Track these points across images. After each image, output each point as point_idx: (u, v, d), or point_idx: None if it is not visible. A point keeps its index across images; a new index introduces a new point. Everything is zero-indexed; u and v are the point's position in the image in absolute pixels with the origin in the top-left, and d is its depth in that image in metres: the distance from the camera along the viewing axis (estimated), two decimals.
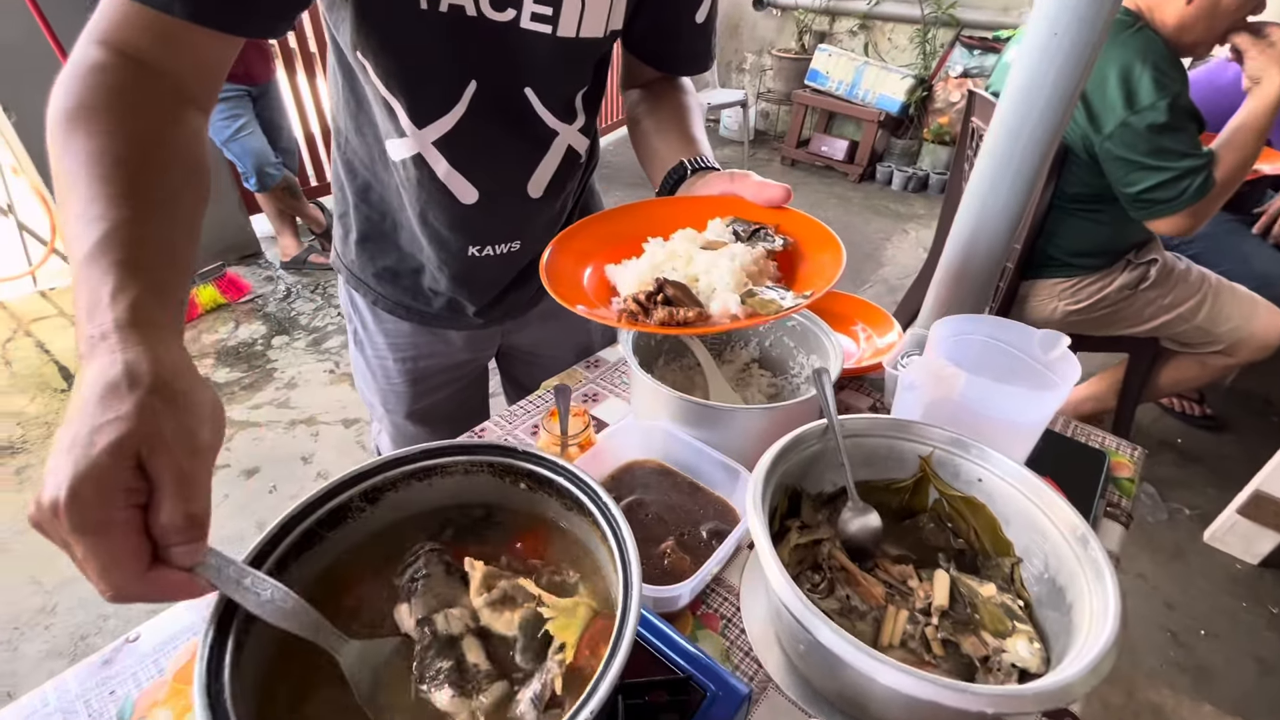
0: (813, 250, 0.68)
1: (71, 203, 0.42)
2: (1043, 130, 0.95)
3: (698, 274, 0.63)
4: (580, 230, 0.72)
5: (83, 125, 0.44)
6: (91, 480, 0.31)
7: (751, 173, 0.70)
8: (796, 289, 0.64)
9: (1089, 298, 1.56)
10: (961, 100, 4.08)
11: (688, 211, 0.73)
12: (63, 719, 0.55)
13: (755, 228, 0.69)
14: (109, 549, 0.31)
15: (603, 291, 0.68)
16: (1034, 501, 0.58)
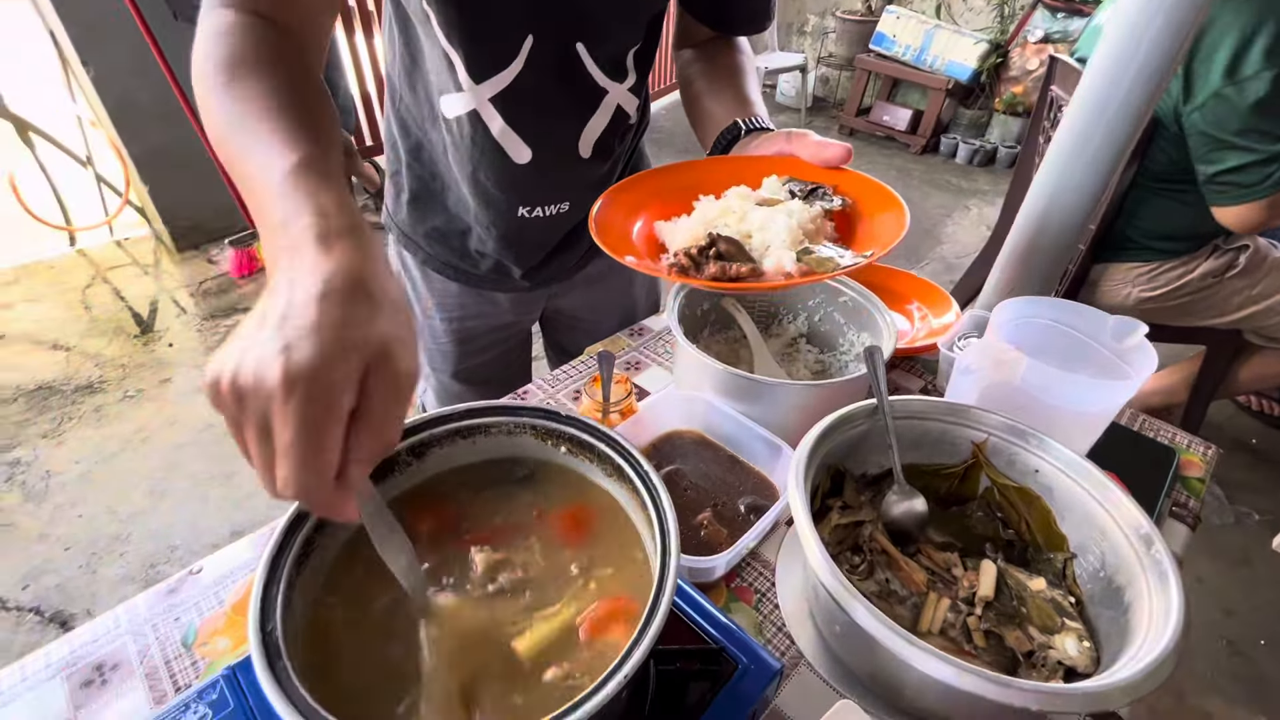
0: (873, 211, 0.66)
1: (247, 136, 0.44)
2: (1133, 102, 0.88)
3: (751, 230, 0.62)
4: (632, 185, 0.71)
5: (244, 71, 0.48)
6: (337, 363, 0.30)
7: (810, 132, 0.68)
8: (855, 249, 0.62)
9: (1167, 284, 1.46)
10: (1040, 68, 3.82)
11: (742, 170, 0.71)
12: (132, 640, 0.59)
13: (813, 187, 0.66)
14: (320, 444, 0.30)
15: (652, 248, 0.67)
16: (1095, 497, 0.55)
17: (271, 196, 0.39)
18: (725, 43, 0.82)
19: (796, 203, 0.64)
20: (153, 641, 0.59)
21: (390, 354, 0.32)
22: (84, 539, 1.66)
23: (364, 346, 0.31)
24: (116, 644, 0.58)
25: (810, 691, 0.56)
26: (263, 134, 0.43)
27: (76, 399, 2.13)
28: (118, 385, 2.20)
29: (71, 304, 2.60)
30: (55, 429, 2.01)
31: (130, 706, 0.54)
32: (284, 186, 0.39)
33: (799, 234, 0.60)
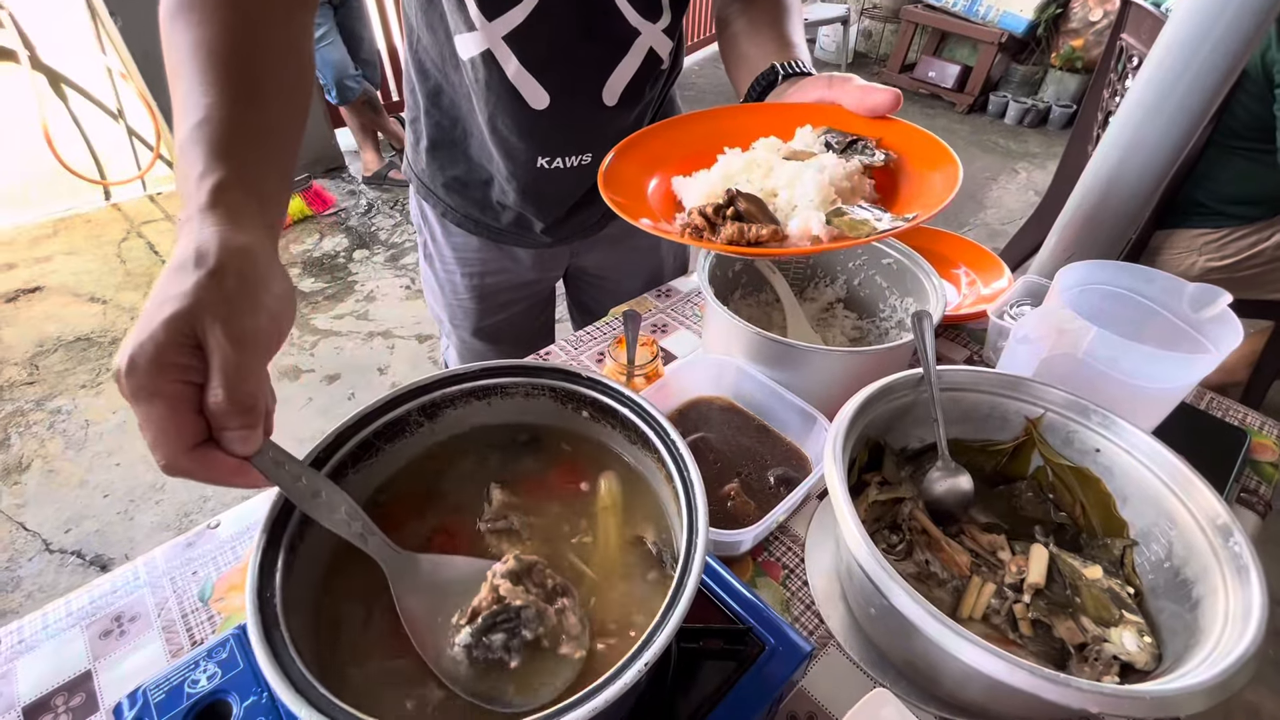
0: (921, 167, 0.57)
1: (176, 92, 0.43)
2: (1222, 53, 0.79)
3: (777, 187, 0.55)
4: (648, 136, 0.63)
5: (183, 15, 0.44)
6: (146, 350, 0.31)
7: (854, 76, 0.60)
8: (896, 211, 0.53)
9: (1238, 253, 1.35)
10: (1104, 20, 3.56)
11: (775, 119, 0.63)
12: (150, 592, 0.59)
13: (852, 139, 0.58)
14: (157, 419, 0.31)
15: (668, 206, 0.59)
16: (1165, 482, 0.50)
17: (175, 164, 0.41)
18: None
19: (830, 156, 0.56)
20: (170, 595, 0.58)
21: (219, 318, 0.33)
22: (121, 487, 1.71)
23: (182, 320, 0.32)
24: (135, 595, 0.58)
25: (839, 674, 0.53)
26: (179, 89, 0.42)
27: (113, 351, 2.17)
28: None
29: (108, 257, 2.64)
30: (93, 380, 2.06)
31: (146, 658, 0.54)
32: (178, 157, 0.40)
33: (830, 192, 0.52)
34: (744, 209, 0.51)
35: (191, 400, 0.32)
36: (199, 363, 0.32)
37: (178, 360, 0.32)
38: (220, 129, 0.40)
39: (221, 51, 0.43)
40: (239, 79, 0.43)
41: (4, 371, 2.08)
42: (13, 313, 2.34)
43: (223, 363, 0.32)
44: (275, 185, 0.43)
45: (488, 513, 0.41)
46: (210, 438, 0.33)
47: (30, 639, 0.55)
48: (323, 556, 0.39)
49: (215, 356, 0.32)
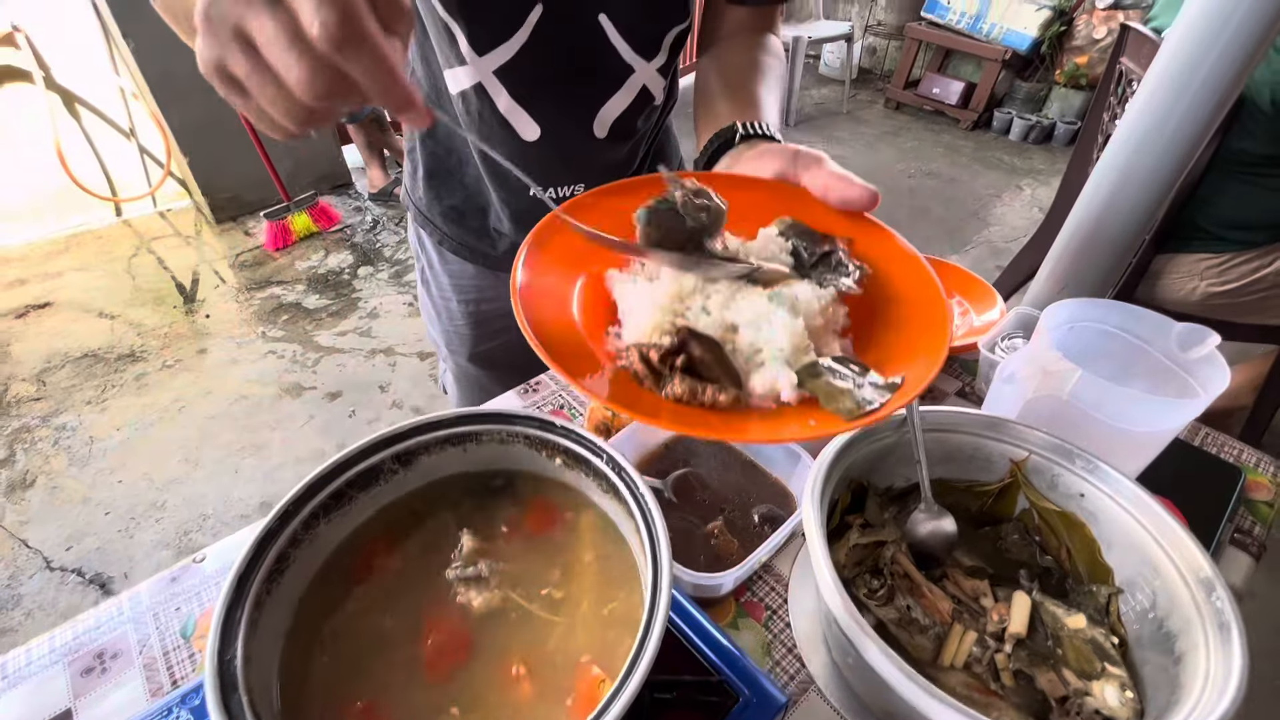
0: (899, 292, 0.46)
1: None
2: (1218, 78, 0.79)
3: (739, 323, 0.42)
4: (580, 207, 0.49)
5: None
6: None
7: (824, 156, 0.50)
8: (871, 359, 0.42)
9: (1241, 278, 1.34)
10: (1108, 37, 3.56)
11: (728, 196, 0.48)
12: (134, 628, 0.59)
13: (824, 251, 0.47)
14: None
15: (599, 309, 0.45)
16: (1149, 530, 0.49)
17: None
18: (751, 39, 0.72)
19: (804, 287, 0.44)
20: (153, 631, 0.59)
21: None
22: (123, 504, 1.73)
23: None
24: (118, 632, 0.58)
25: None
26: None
27: (119, 367, 2.20)
28: (157, 355, 2.26)
29: (117, 273, 2.68)
30: (99, 396, 2.08)
31: (127, 697, 0.54)
32: None
33: (803, 338, 0.41)
34: (698, 358, 0.39)
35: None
36: None
37: None
38: None
39: None
40: None
41: (12, 388, 2.11)
42: (22, 328, 2.37)
43: None
44: None
45: (457, 559, 0.41)
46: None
47: (14, 675, 0.55)
48: (291, 606, 0.39)
49: None
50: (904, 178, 3.56)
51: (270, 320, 2.43)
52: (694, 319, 0.42)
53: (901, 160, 3.76)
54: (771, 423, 0.38)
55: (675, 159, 0.97)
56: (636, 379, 0.39)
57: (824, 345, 0.43)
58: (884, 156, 3.80)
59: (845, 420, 0.37)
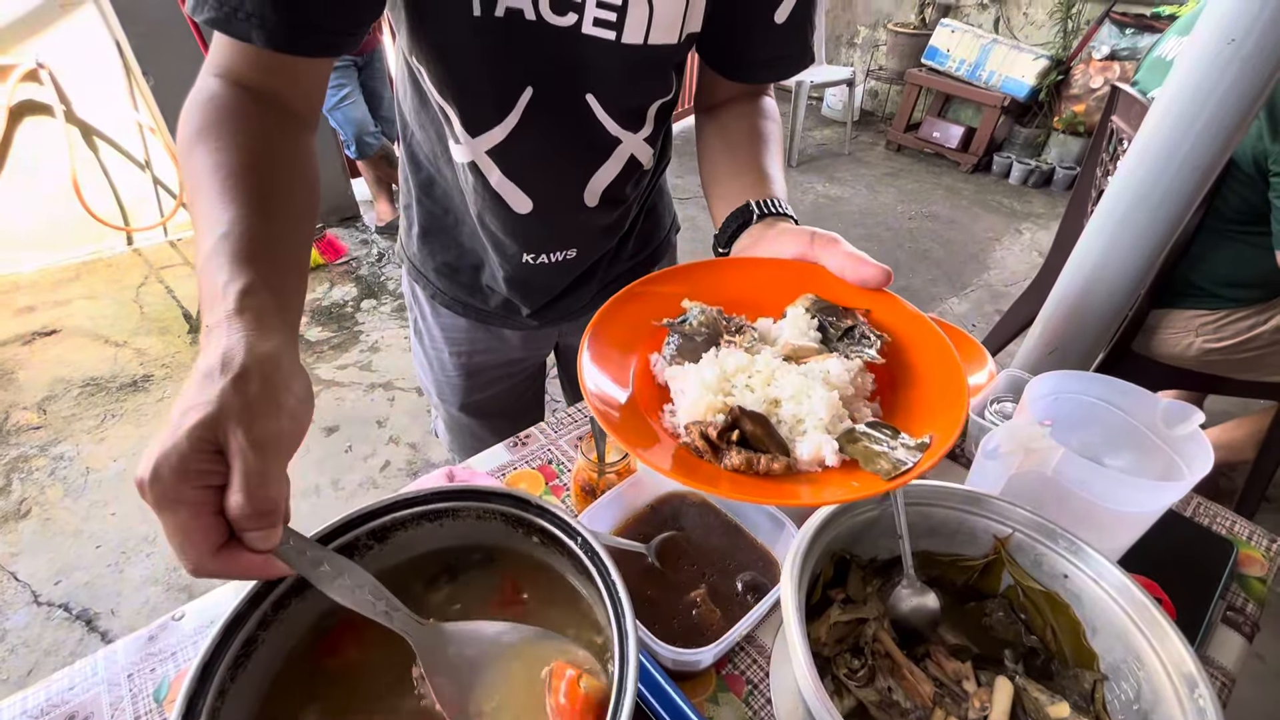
0: (915, 355, 0.51)
1: (196, 212, 0.46)
2: (1206, 147, 0.80)
3: (781, 398, 0.47)
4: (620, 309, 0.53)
5: (202, 143, 0.49)
6: (169, 460, 0.33)
7: (839, 238, 0.54)
8: (899, 420, 0.47)
9: (1235, 335, 1.34)
10: (1104, 86, 3.64)
11: (755, 281, 0.57)
12: (107, 689, 0.58)
13: (848, 326, 0.52)
14: (181, 526, 0.33)
15: (648, 391, 0.50)
16: (1133, 619, 0.49)
17: (199, 278, 0.43)
18: (748, 105, 0.73)
19: (834, 362, 0.48)
20: (126, 694, 0.58)
21: (241, 423, 0.34)
22: (115, 538, 1.72)
23: (204, 427, 0.33)
24: (91, 693, 0.58)
25: None
26: (201, 208, 0.46)
27: (121, 397, 2.21)
28: (159, 385, 2.27)
29: (125, 301, 2.72)
30: (99, 425, 2.09)
31: None
32: (202, 268, 0.42)
33: (840, 407, 0.46)
34: (750, 431, 0.44)
35: (213, 504, 0.34)
36: (221, 467, 0.34)
37: (199, 467, 0.33)
38: (242, 239, 0.43)
39: (240, 171, 0.47)
40: (257, 194, 0.47)
41: (13, 415, 2.12)
42: (28, 355, 2.40)
43: (243, 468, 0.34)
44: (294, 286, 0.47)
45: None
46: (233, 537, 0.34)
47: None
48: (257, 695, 0.38)
49: (236, 461, 0.34)
50: (904, 219, 3.60)
51: None
52: (740, 396, 0.47)
53: (902, 202, 3.80)
54: (819, 485, 0.43)
55: (668, 216, 0.99)
56: (696, 453, 0.44)
57: (857, 411, 0.47)
58: (885, 198, 3.85)
59: (884, 480, 0.41)
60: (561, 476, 0.81)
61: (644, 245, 0.95)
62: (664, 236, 0.98)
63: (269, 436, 0.35)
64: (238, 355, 0.36)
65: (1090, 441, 0.68)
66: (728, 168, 0.68)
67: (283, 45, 0.52)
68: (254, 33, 0.50)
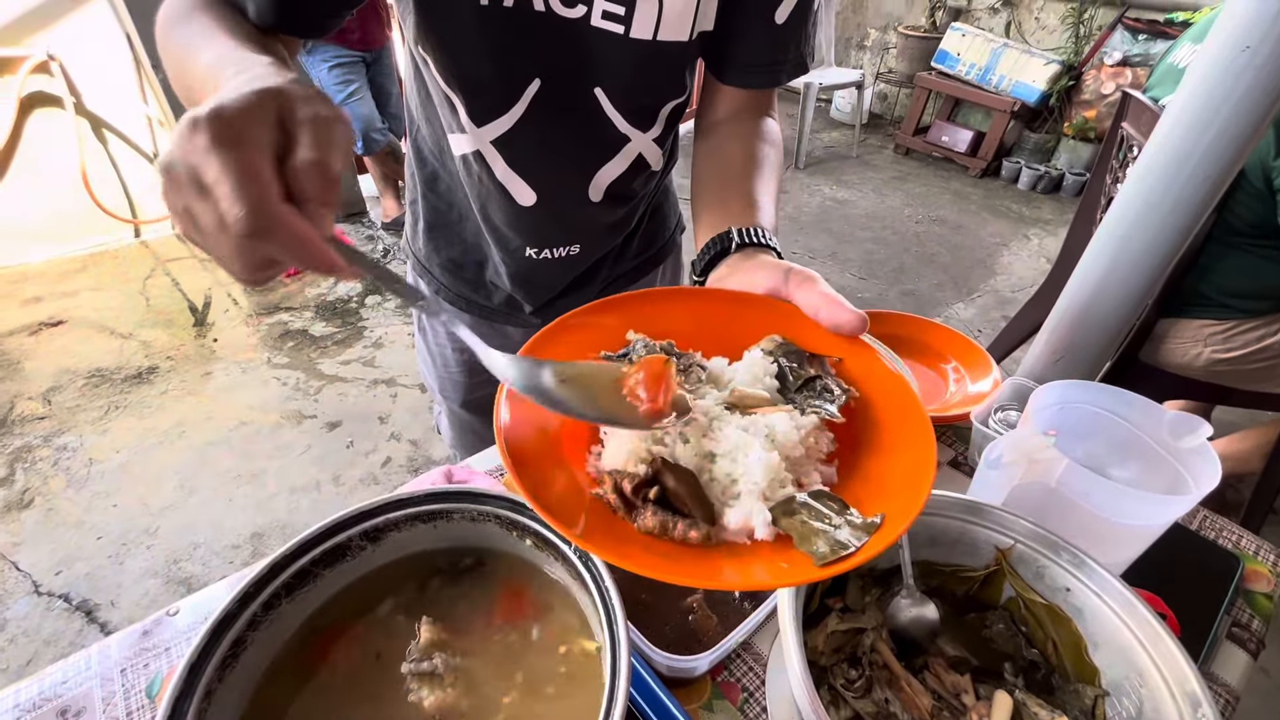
0: (887, 417, 0.45)
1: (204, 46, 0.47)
2: (1217, 156, 0.79)
3: (717, 453, 0.41)
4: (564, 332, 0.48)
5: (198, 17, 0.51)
6: (237, 105, 0.31)
7: (817, 277, 0.49)
8: (854, 488, 0.42)
9: (1244, 346, 1.32)
10: (1115, 92, 3.61)
11: (720, 316, 0.51)
12: (100, 684, 0.58)
13: (810, 375, 0.46)
14: (244, 163, 0.30)
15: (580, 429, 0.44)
16: (1136, 634, 0.48)
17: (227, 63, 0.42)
18: (747, 126, 0.70)
19: (781, 417, 0.42)
20: (119, 689, 0.58)
21: (300, 97, 0.33)
22: (116, 529, 1.72)
23: (270, 93, 0.32)
24: (84, 688, 0.58)
25: None
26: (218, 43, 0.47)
27: (125, 388, 2.22)
28: (164, 377, 2.28)
29: (132, 293, 2.73)
30: (102, 417, 2.09)
31: None
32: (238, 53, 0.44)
33: (780, 470, 0.40)
34: (671, 489, 0.38)
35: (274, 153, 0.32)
36: (278, 136, 0.32)
37: (266, 118, 0.32)
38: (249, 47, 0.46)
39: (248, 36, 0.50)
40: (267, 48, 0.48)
41: (19, 405, 2.13)
42: (34, 345, 2.41)
43: (313, 133, 0.32)
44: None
45: (414, 650, 0.41)
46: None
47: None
48: (243, 697, 0.38)
49: (306, 128, 0.32)
50: (912, 223, 3.59)
51: (276, 346, 2.46)
52: (672, 446, 0.41)
53: (909, 205, 3.79)
54: (743, 563, 0.37)
55: (674, 215, 0.99)
56: (610, 508, 0.38)
57: (804, 475, 0.42)
58: (892, 201, 3.83)
59: (817, 565, 0.35)
60: None
61: (649, 244, 0.94)
62: (669, 236, 0.98)
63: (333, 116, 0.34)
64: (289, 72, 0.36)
65: (1095, 452, 0.67)
66: (716, 193, 0.64)
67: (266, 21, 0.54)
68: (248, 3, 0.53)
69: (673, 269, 1.02)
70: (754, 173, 0.64)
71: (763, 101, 0.71)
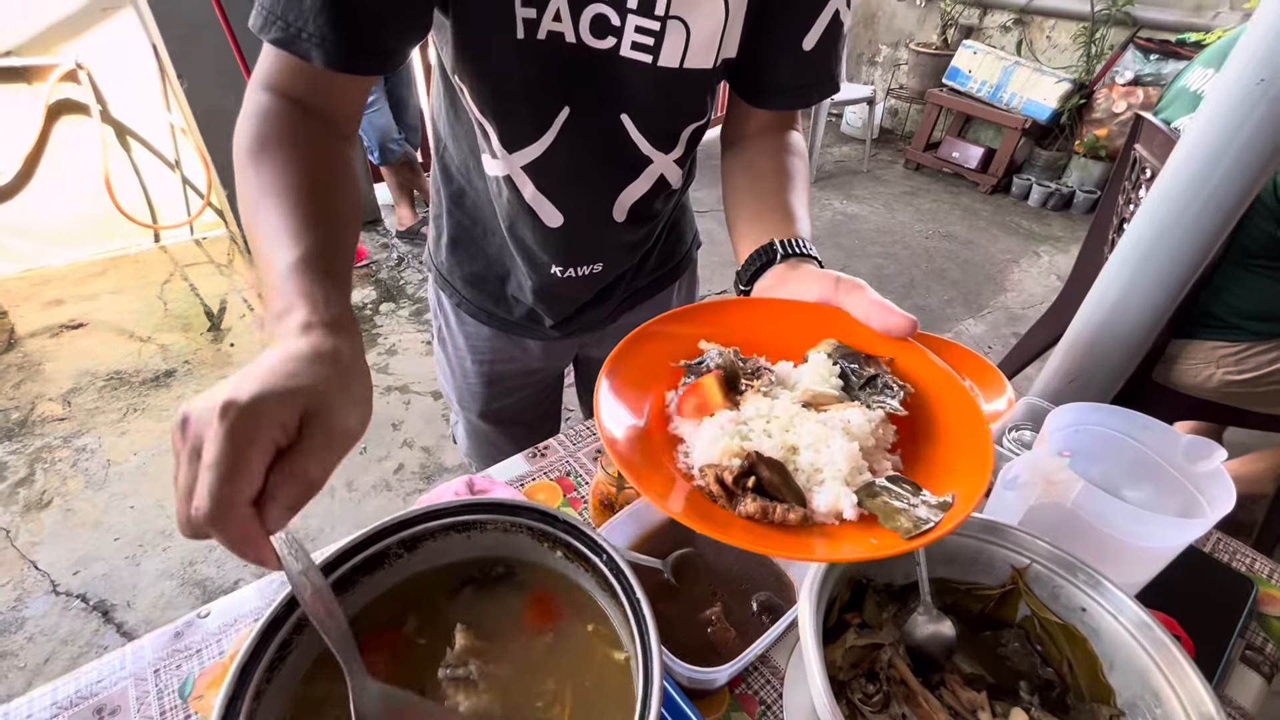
0: (938, 408, 0.50)
1: (263, 221, 0.49)
2: (1232, 184, 0.81)
3: (800, 445, 0.46)
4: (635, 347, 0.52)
5: (267, 157, 0.52)
6: (269, 400, 0.34)
7: (864, 284, 0.53)
8: (920, 474, 0.46)
9: (1258, 368, 1.33)
10: (1126, 111, 3.62)
11: (776, 323, 0.56)
12: (134, 684, 0.60)
13: (870, 374, 0.50)
14: (242, 461, 0.32)
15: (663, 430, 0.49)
16: (1151, 655, 0.49)
17: (275, 288, 0.44)
18: (776, 140, 0.72)
19: (855, 411, 0.47)
20: (152, 689, 0.59)
21: (331, 407, 0.36)
22: (133, 531, 1.75)
23: (305, 394, 0.35)
24: (118, 687, 0.59)
25: None
26: (273, 222, 0.47)
27: (144, 391, 2.25)
28: (181, 381, 2.32)
29: (150, 297, 2.77)
30: (121, 419, 2.13)
31: None
32: (285, 281, 0.43)
33: (859, 458, 0.45)
34: (766, 479, 0.43)
35: (269, 459, 0.34)
36: (291, 433, 0.35)
37: (286, 421, 0.34)
38: (328, 256, 0.46)
39: (310, 189, 0.50)
40: (327, 211, 0.50)
41: (39, 406, 2.17)
42: (55, 347, 2.45)
43: (323, 442, 0.35)
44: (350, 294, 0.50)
45: (449, 657, 0.42)
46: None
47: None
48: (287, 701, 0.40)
49: (317, 434, 0.35)
50: (921, 238, 3.60)
51: None
52: (758, 441, 0.46)
53: (919, 221, 3.80)
54: (835, 540, 0.42)
55: (690, 231, 1.00)
56: (710, 497, 0.43)
57: (876, 464, 0.46)
58: (902, 216, 3.84)
59: (904, 539, 0.40)
60: (580, 489, 0.82)
61: (666, 260, 0.96)
62: (685, 251, 1.00)
63: (355, 429, 0.38)
64: (345, 356, 0.39)
65: (1110, 473, 0.68)
66: (753, 206, 0.67)
67: (339, 64, 0.54)
68: (314, 52, 0.53)
69: (688, 284, 1.04)
70: (788, 184, 0.67)
71: (789, 117, 0.73)
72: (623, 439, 0.45)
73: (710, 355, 0.52)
